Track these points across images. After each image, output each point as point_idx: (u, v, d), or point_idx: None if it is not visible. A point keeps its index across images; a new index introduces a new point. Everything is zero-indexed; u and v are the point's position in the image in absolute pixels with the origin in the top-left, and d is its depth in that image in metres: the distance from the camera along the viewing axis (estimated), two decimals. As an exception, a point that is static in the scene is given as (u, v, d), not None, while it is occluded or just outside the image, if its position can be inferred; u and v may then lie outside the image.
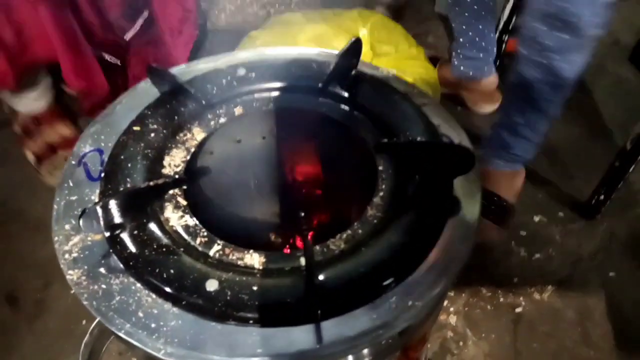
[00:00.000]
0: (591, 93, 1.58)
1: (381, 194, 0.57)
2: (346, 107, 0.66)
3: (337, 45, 1.26)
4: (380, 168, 0.59)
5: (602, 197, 1.26)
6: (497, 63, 1.63)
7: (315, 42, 1.27)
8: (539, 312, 1.13)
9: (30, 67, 1.27)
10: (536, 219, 1.30)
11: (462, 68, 1.47)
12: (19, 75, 1.24)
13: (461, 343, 1.08)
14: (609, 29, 1.68)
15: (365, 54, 1.25)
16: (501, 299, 1.15)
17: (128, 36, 1.32)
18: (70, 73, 1.21)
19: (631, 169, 1.19)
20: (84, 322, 1.07)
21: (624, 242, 1.26)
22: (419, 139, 0.60)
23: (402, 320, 0.47)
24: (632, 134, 1.16)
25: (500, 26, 1.56)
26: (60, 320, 1.09)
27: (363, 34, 1.31)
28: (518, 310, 1.13)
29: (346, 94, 0.67)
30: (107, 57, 1.31)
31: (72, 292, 0.49)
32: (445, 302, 1.10)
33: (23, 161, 1.40)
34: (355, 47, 0.66)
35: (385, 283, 0.49)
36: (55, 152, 1.36)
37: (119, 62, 1.32)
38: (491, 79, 1.50)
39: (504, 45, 1.60)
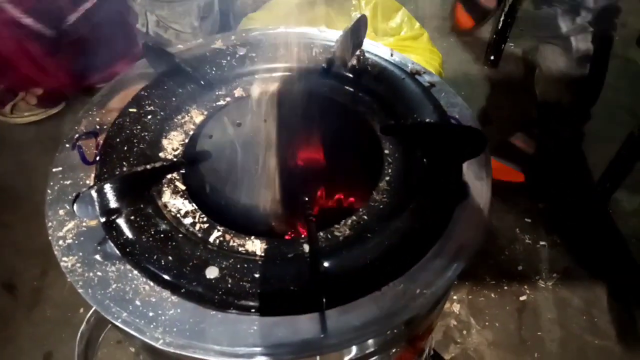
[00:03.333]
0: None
1: (387, 178, 0.55)
2: (351, 89, 0.64)
3: (339, 27, 1.23)
4: (387, 151, 0.57)
5: (609, 184, 1.24)
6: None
7: (316, 23, 1.24)
8: (544, 300, 1.11)
9: None
10: (541, 205, 1.28)
11: None
12: None
13: (465, 331, 1.07)
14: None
15: (368, 36, 1.22)
16: (505, 287, 1.13)
17: (70, 20, 1.30)
18: None
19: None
20: (81, 310, 1.06)
21: (631, 229, 1.24)
22: (426, 121, 0.58)
23: (409, 309, 0.45)
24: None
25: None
26: (57, 308, 1.08)
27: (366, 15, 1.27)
28: (522, 298, 1.12)
29: (350, 75, 0.64)
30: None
31: (69, 280, 0.47)
32: (449, 290, 1.09)
33: (20, 149, 1.39)
34: (360, 26, 0.64)
35: (391, 270, 0.47)
36: (15, 93, 1.48)
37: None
38: None
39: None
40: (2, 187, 1.31)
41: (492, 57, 1.63)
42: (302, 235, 0.51)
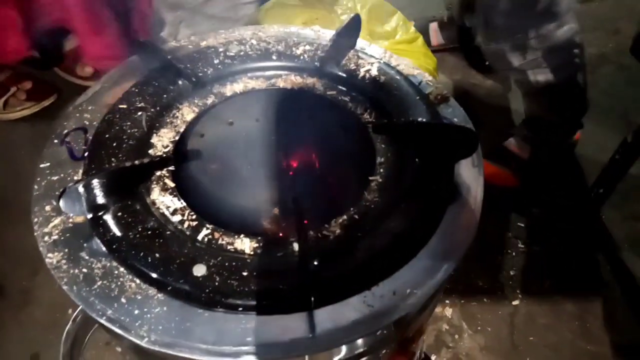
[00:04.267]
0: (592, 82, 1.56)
1: (379, 177, 0.55)
2: (343, 88, 0.64)
3: (334, 29, 1.23)
4: (379, 151, 0.57)
5: (602, 190, 1.24)
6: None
7: (312, 25, 1.24)
8: (537, 305, 1.11)
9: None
10: (535, 210, 1.28)
11: None
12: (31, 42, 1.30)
13: (457, 336, 1.06)
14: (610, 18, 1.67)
15: (364, 39, 1.22)
16: (498, 292, 1.13)
17: None
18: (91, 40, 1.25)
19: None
20: (69, 311, 1.04)
21: (624, 236, 1.24)
22: (418, 120, 0.57)
23: (399, 308, 0.45)
24: (635, 125, 1.13)
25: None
26: (46, 310, 1.07)
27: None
28: (515, 302, 1.11)
29: (343, 74, 0.64)
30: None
31: (54, 276, 0.46)
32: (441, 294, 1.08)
33: (9, 151, 1.38)
34: (353, 26, 0.63)
35: (382, 270, 0.46)
36: (7, 88, 1.48)
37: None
38: None
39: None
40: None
41: (486, 63, 1.63)
42: (292, 234, 0.50)
